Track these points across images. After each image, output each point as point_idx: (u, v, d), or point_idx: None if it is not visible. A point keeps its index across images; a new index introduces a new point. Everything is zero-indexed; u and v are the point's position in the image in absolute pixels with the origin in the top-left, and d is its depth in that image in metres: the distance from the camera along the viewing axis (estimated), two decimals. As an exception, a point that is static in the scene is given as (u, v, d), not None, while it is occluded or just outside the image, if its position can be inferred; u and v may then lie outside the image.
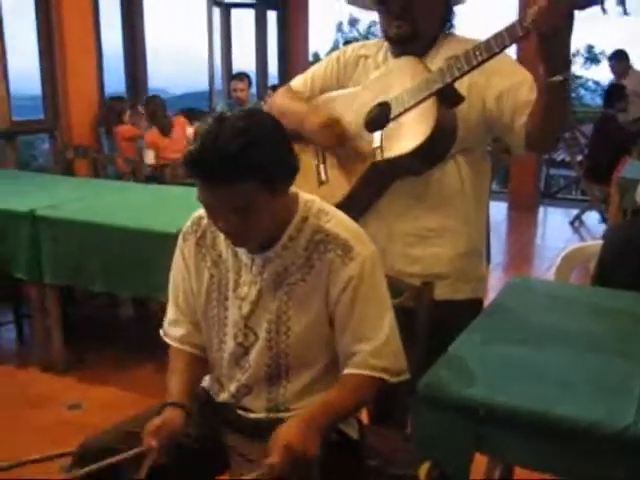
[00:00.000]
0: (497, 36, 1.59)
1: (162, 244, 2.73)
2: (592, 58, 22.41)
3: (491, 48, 1.60)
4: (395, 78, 1.77)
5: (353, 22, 22.10)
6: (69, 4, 5.15)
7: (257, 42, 8.29)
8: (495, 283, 3.35)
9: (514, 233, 6.63)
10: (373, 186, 1.83)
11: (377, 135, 1.76)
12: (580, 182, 7.05)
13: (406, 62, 1.78)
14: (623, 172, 4.49)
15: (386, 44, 1.89)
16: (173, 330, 1.63)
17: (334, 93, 1.93)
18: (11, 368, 3.39)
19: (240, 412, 1.57)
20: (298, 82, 2.02)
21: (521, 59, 1.84)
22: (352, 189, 1.80)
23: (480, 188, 1.89)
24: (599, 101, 7.59)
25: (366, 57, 1.92)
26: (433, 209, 1.83)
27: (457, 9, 1.89)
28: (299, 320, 1.48)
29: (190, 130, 5.43)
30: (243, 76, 6.04)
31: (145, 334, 3.66)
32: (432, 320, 1.72)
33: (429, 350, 1.62)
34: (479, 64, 1.63)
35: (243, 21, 8.10)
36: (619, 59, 7.06)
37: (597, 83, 23.16)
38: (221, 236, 1.52)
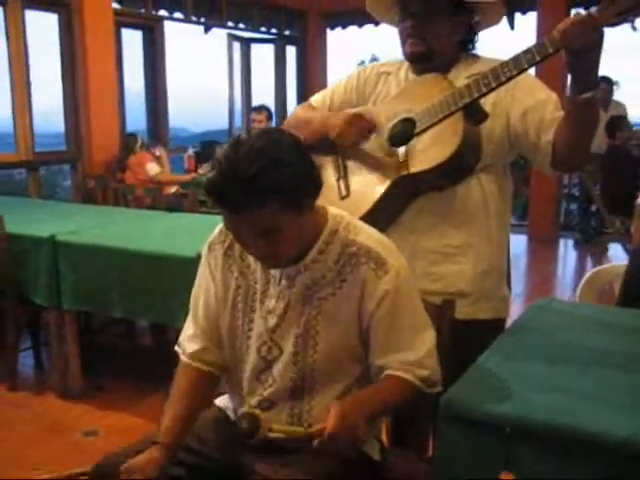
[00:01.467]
0: (526, 52, 1.58)
1: (181, 269, 2.74)
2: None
3: (520, 64, 1.59)
4: (419, 94, 1.77)
5: (374, 60, 22.45)
6: (93, 42, 5.26)
7: (276, 77, 8.40)
8: (516, 313, 3.29)
9: (534, 265, 6.57)
10: (396, 201, 1.81)
11: (402, 150, 1.75)
12: (595, 215, 6.99)
13: (430, 78, 1.78)
14: (644, 201, 4.42)
15: (407, 63, 1.90)
16: (188, 345, 1.60)
17: (354, 110, 1.93)
18: (28, 394, 3.38)
19: (259, 430, 1.54)
20: (318, 98, 2.03)
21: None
22: (375, 204, 1.78)
23: (502, 205, 1.87)
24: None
25: (387, 74, 1.93)
26: (457, 226, 1.82)
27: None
28: (328, 335, 1.46)
29: (151, 165, 5.46)
30: (262, 109, 6.10)
31: (162, 363, 3.62)
32: (453, 339, 1.69)
33: (450, 370, 1.59)
34: (507, 80, 1.62)
35: (263, 56, 8.22)
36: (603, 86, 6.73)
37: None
38: None
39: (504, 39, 6.56)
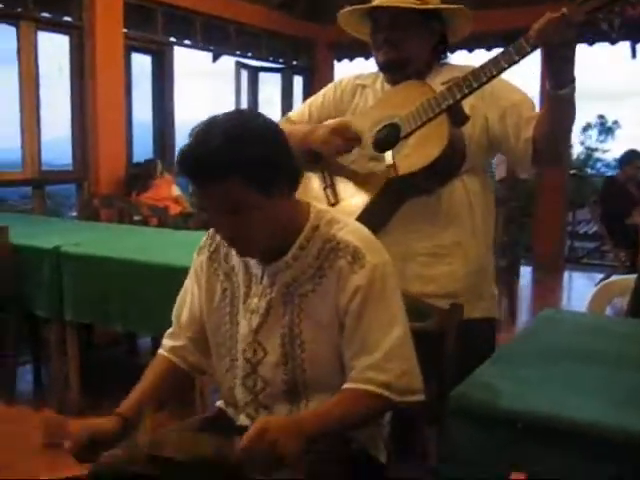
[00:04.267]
0: (504, 53, 1.65)
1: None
2: (605, 130, 22.79)
3: (499, 64, 1.65)
4: (400, 99, 1.81)
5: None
6: (103, 63, 5.29)
7: (283, 107, 8.45)
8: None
9: (540, 294, 6.58)
10: (385, 206, 1.84)
11: (388, 154, 1.78)
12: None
13: (410, 84, 1.83)
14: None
15: (382, 75, 1.94)
16: (168, 341, 1.60)
17: (338, 120, 1.95)
18: (26, 409, 3.32)
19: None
20: (297, 112, 2.10)
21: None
22: (365, 209, 1.80)
23: (486, 202, 1.93)
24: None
25: (363, 86, 1.98)
26: (445, 227, 1.86)
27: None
28: (312, 333, 1.42)
29: (175, 186, 5.56)
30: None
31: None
32: (459, 343, 1.66)
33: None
34: (487, 80, 1.68)
35: (270, 85, 8.29)
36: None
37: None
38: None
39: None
